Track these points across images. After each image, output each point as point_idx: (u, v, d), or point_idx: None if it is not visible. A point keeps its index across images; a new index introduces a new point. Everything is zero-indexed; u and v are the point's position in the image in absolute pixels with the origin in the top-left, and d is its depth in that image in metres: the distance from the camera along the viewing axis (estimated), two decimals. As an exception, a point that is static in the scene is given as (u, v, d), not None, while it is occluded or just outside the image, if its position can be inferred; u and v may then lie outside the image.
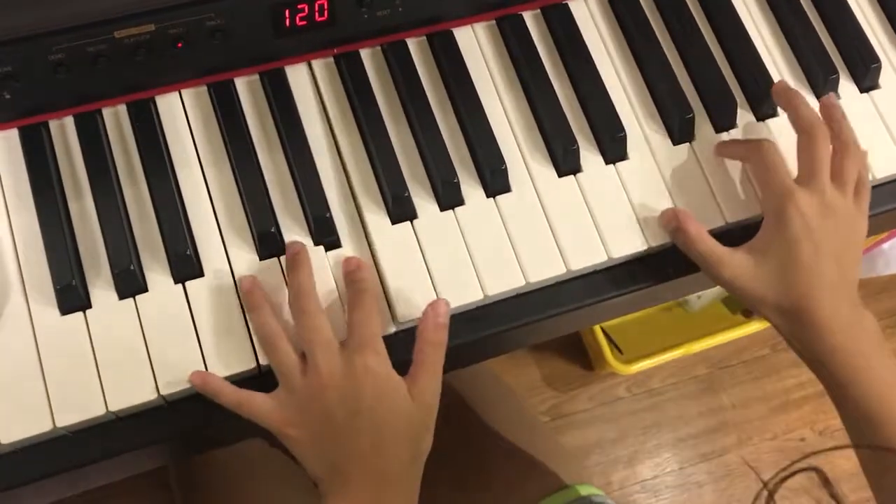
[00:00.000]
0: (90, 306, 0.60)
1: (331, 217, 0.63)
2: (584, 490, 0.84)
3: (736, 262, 0.61)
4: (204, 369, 0.59)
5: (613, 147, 0.67)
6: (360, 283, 0.60)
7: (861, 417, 0.59)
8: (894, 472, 0.58)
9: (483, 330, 0.65)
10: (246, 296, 0.59)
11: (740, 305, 1.51)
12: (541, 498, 0.82)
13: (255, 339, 0.59)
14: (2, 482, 0.58)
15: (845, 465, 0.57)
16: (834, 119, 0.63)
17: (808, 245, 0.59)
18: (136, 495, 1.35)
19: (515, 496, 0.82)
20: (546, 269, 0.64)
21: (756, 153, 0.63)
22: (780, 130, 0.69)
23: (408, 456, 0.58)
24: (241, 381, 0.60)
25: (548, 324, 0.67)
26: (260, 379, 0.61)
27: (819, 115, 0.63)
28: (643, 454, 1.50)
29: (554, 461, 0.87)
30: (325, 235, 0.63)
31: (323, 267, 0.62)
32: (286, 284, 0.61)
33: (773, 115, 0.70)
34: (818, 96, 0.71)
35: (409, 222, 0.64)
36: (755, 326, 1.48)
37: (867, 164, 0.66)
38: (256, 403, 0.57)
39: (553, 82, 0.69)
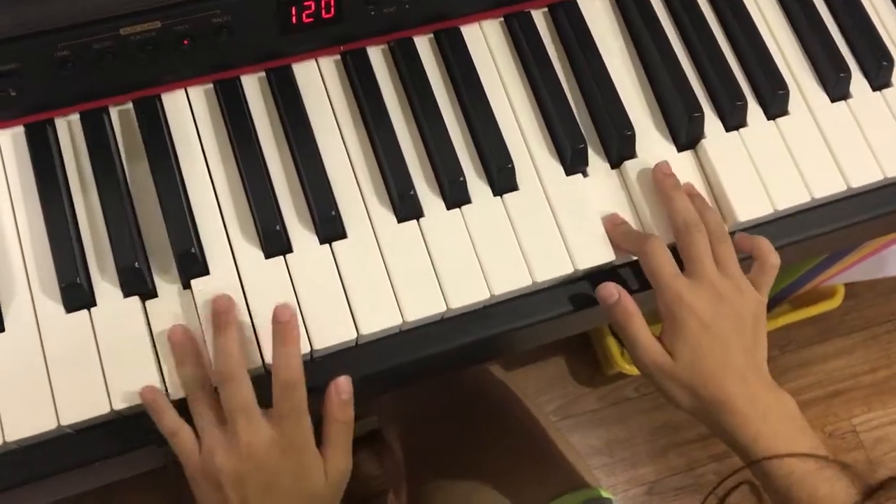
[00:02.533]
0: (95, 304, 0.60)
1: (337, 216, 0.62)
2: (596, 493, 0.84)
3: (660, 355, 0.60)
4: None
5: (622, 146, 0.67)
6: (288, 336, 0.57)
7: (790, 501, 0.58)
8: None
9: (490, 329, 0.64)
10: (174, 347, 0.57)
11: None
12: (561, 493, 0.81)
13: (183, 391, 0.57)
14: (6, 480, 0.58)
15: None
16: (703, 211, 0.63)
17: (710, 342, 0.59)
18: (136, 492, 1.36)
19: (544, 488, 0.82)
20: (553, 268, 0.64)
21: (642, 256, 0.62)
22: (791, 129, 0.69)
23: None
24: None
25: (555, 324, 0.67)
26: (267, 378, 0.60)
27: (693, 208, 0.63)
28: (652, 455, 1.50)
29: (567, 461, 0.86)
30: (332, 234, 0.63)
31: (328, 262, 0.62)
32: (292, 287, 0.61)
33: (784, 113, 0.70)
34: (829, 94, 0.70)
35: (415, 220, 0.64)
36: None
37: (767, 246, 0.63)
38: (184, 442, 0.56)
39: (562, 80, 0.68)
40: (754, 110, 0.69)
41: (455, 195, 0.64)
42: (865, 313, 1.60)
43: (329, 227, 0.62)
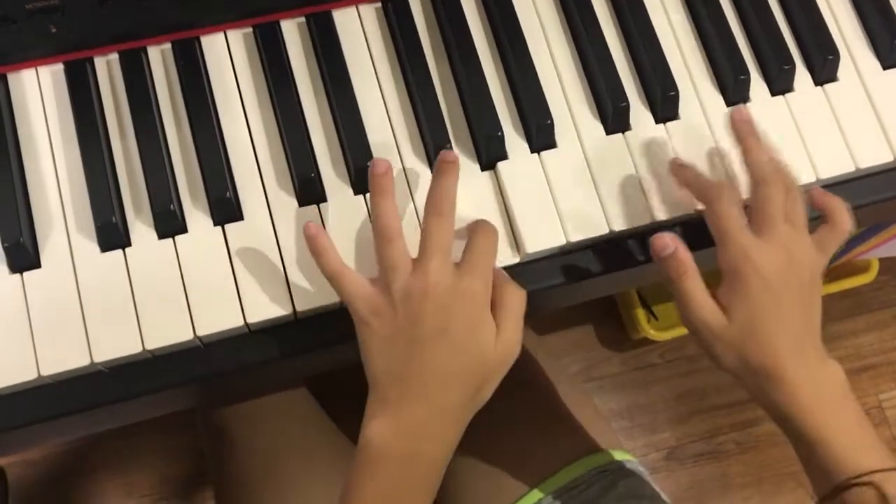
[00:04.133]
0: (130, 245, 0.60)
1: (372, 166, 0.62)
2: (619, 455, 0.84)
3: (714, 312, 0.58)
4: (240, 312, 0.59)
5: (665, 105, 0.65)
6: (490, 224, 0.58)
7: (831, 475, 0.56)
8: None
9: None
10: (378, 178, 0.56)
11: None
12: (577, 458, 0.82)
13: (372, 227, 0.56)
14: (39, 414, 0.59)
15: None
16: (781, 165, 0.60)
17: (771, 306, 0.56)
18: (162, 433, 1.38)
19: (560, 448, 0.83)
20: (588, 229, 0.63)
21: (711, 203, 0.58)
22: (839, 96, 0.67)
23: (468, 396, 0.56)
24: (276, 326, 0.61)
25: (588, 284, 0.66)
26: (296, 325, 0.61)
27: (773, 161, 0.59)
28: (673, 421, 1.50)
29: (591, 423, 0.86)
30: (366, 184, 0.62)
31: (362, 213, 0.61)
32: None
33: (833, 80, 0.68)
34: (882, 61, 0.68)
35: (450, 175, 0.63)
36: (795, 298, 1.45)
37: (843, 205, 0.60)
38: (352, 281, 0.56)
39: (606, 37, 0.66)
40: (802, 75, 0.68)
41: (492, 151, 0.63)
42: (900, 289, 1.58)
43: (364, 178, 0.62)
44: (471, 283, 0.55)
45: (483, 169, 0.64)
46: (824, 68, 0.67)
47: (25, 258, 0.59)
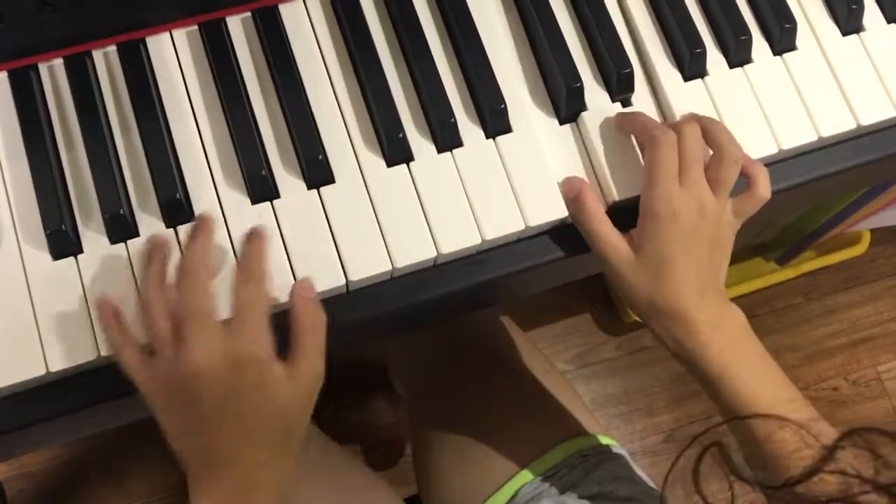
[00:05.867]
0: (81, 251, 0.59)
1: (325, 160, 0.61)
2: (599, 440, 0.83)
3: (621, 250, 0.60)
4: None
5: (619, 86, 0.64)
6: (256, 256, 0.55)
7: (736, 409, 0.59)
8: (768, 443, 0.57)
9: (482, 276, 0.63)
10: (146, 254, 0.56)
11: (773, 252, 1.47)
12: (557, 443, 0.82)
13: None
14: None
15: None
16: (717, 131, 0.61)
17: (681, 251, 0.58)
18: (157, 442, 1.38)
19: (541, 438, 0.83)
20: (547, 212, 0.62)
21: (651, 147, 0.60)
22: (799, 65, 0.66)
23: (281, 441, 0.54)
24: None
25: (550, 269, 0.65)
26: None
27: (665, 128, 0.60)
28: (670, 403, 1.49)
29: (571, 408, 0.86)
30: (319, 179, 0.61)
31: (316, 207, 0.61)
32: (280, 233, 0.60)
33: (791, 49, 0.67)
34: (841, 27, 0.67)
35: (405, 165, 0.62)
36: (787, 274, 1.44)
37: (765, 174, 0.61)
38: (130, 357, 0.54)
39: (559, 17, 0.65)
40: (760, 46, 0.67)
41: (446, 138, 0.62)
42: (894, 259, 1.56)
43: (316, 172, 0.61)
44: (238, 345, 0.52)
45: (440, 151, 0.63)
46: (782, 37, 0.66)
47: (-24, 270, 0.58)
